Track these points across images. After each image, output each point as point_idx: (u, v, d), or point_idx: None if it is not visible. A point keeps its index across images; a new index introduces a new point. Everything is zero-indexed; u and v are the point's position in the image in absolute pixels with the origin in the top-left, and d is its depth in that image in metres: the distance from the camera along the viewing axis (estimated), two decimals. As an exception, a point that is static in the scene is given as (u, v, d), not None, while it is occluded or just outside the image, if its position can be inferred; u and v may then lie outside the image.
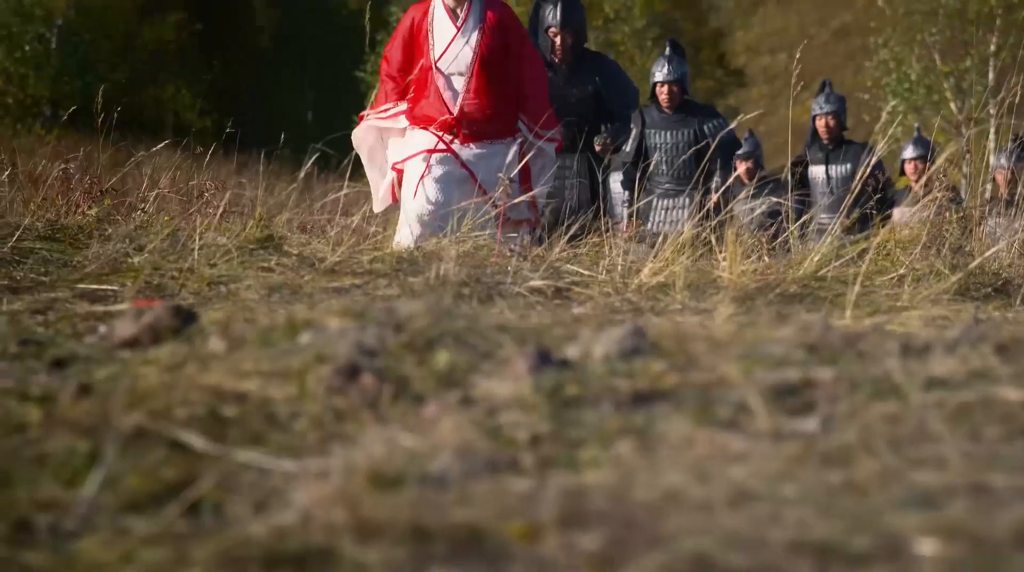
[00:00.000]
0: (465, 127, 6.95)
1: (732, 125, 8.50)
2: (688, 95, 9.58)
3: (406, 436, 2.20)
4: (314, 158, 5.72)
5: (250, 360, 2.55)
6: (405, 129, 7.12)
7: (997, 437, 2.18)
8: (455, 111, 6.94)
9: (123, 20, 34.53)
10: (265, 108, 35.00)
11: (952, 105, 26.33)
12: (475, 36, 7.00)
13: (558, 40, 8.36)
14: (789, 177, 9.12)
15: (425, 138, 7.01)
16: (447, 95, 6.98)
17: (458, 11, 7.03)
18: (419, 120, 7.03)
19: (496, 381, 2.48)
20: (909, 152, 11.46)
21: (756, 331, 2.92)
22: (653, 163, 9.37)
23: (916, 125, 12.28)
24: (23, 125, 29.55)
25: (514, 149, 7.03)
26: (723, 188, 6.54)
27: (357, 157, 7.21)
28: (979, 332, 2.87)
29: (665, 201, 9.40)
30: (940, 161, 4.93)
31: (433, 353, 2.63)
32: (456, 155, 6.97)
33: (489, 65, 6.99)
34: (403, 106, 7.14)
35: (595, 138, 8.27)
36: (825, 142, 10.35)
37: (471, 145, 7.01)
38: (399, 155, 7.09)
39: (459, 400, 2.40)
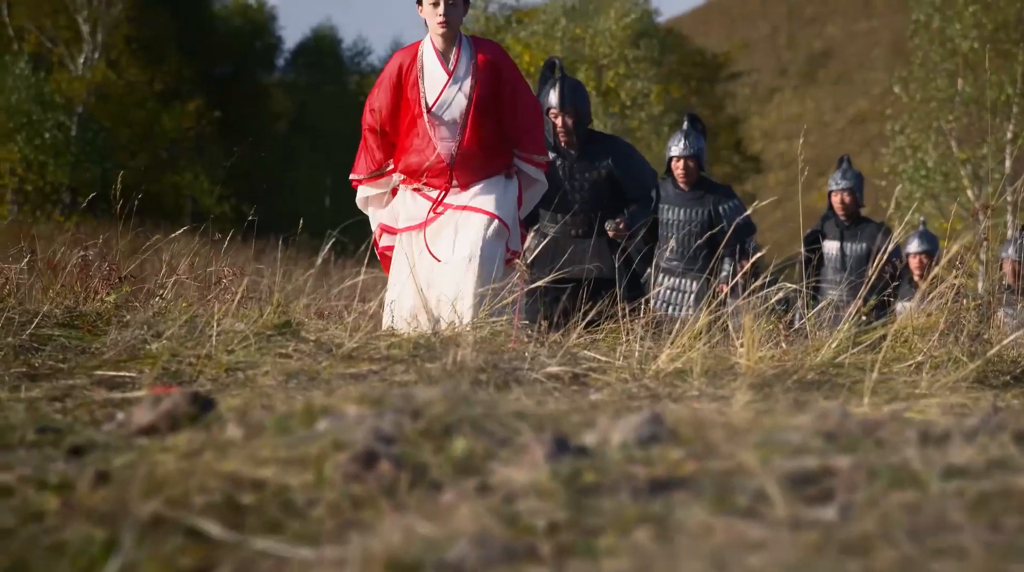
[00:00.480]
0: (459, 171, 6.73)
1: (748, 210, 8.31)
2: (704, 172, 9.48)
3: (424, 523, 2.20)
4: (331, 243, 5.75)
5: (268, 447, 2.56)
6: (397, 188, 6.91)
7: (1017, 527, 2.18)
8: (450, 159, 6.71)
9: (143, 107, 34.91)
10: (283, 193, 35.19)
11: (969, 192, 26.40)
12: (468, 82, 6.77)
13: (559, 122, 8.15)
14: (803, 255, 9.00)
15: (418, 206, 6.78)
16: (441, 144, 6.74)
17: (448, 55, 6.79)
18: (412, 170, 6.77)
19: (513, 468, 2.48)
20: (914, 246, 11.25)
21: (774, 418, 2.92)
22: (662, 239, 9.20)
23: (921, 218, 12.21)
24: (42, 212, 29.75)
25: (513, 186, 6.88)
26: (738, 275, 6.48)
27: (373, 242, 7.12)
28: (998, 421, 2.87)
29: (671, 280, 9.34)
30: (955, 249, 4.94)
31: (451, 440, 2.64)
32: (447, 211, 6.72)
33: (484, 109, 6.76)
34: (390, 165, 6.89)
35: (607, 223, 8.05)
36: (841, 218, 10.27)
37: (467, 188, 6.76)
38: (392, 220, 6.86)
39: (477, 487, 2.40)
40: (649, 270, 8.72)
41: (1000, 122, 26.91)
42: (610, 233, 8.05)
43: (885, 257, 5.25)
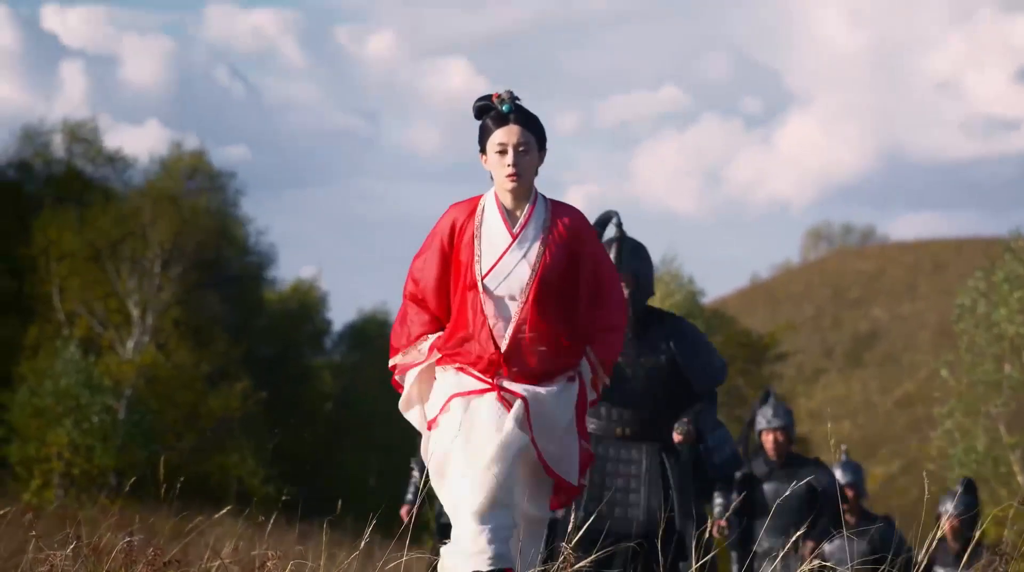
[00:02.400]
0: (514, 366, 5.35)
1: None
2: (794, 444, 9.13)
3: None
4: (374, 523, 5.81)
5: None
6: (435, 368, 5.56)
7: None
8: (503, 345, 5.36)
9: (190, 389, 35.55)
10: (328, 474, 35.34)
11: (1020, 478, 26.27)
12: (536, 248, 5.37)
13: None
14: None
15: (462, 380, 5.43)
16: (496, 324, 5.37)
17: (517, 213, 5.42)
18: (456, 356, 5.45)
19: None
20: (950, 506, 10.40)
21: None
22: (755, 519, 8.53)
23: (961, 480, 11.76)
24: (88, 496, 29.93)
25: (574, 391, 5.46)
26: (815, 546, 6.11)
27: (416, 523, 6.75)
28: None
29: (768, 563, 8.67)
30: (987, 520, 4.90)
31: None
32: (500, 394, 5.34)
33: (552, 288, 5.37)
34: (427, 340, 5.55)
35: (677, 426, 6.76)
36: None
37: (519, 384, 5.39)
38: (433, 407, 5.52)
39: None
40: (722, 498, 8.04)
41: (1049, 406, 26.98)
42: (677, 437, 6.81)
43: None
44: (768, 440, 9.61)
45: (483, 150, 5.42)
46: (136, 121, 59.93)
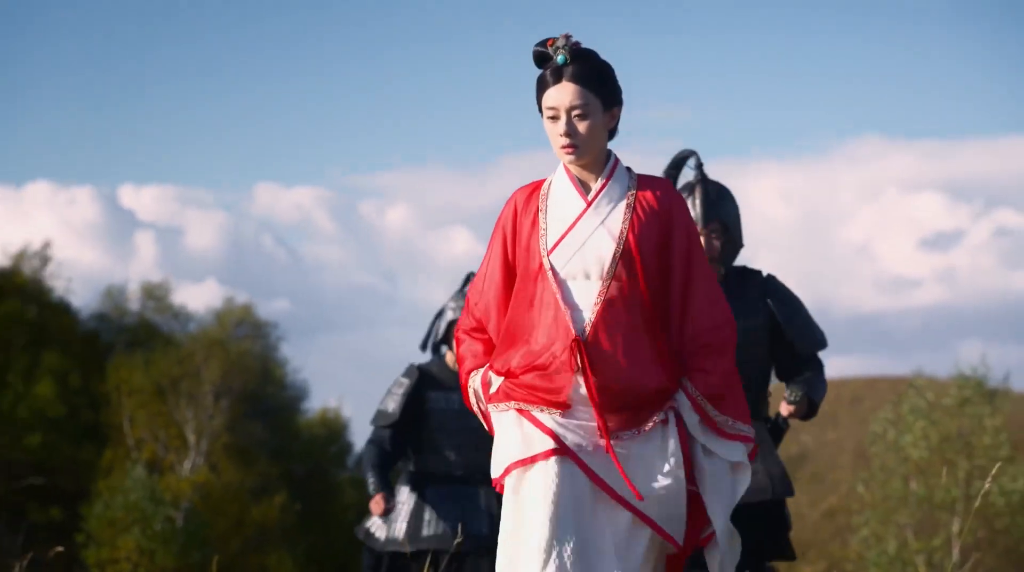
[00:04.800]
0: (599, 373, 3.36)
1: None
2: None
3: None
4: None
5: None
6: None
7: None
8: (581, 336, 3.38)
9: (237, 501, 35.48)
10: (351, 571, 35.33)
11: (923, 577, 26.68)
12: (619, 214, 3.47)
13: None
14: None
15: (532, 433, 3.38)
16: (569, 315, 3.41)
17: (591, 184, 3.52)
18: (511, 391, 3.45)
19: None
20: None
21: None
22: None
23: None
24: (151, 595, 29.97)
25: (672, 439, 3.38)
26: None
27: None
28: None
29: None
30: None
31: None
32: (584, 466, 3.33)
33: (642, 265, 3.43)
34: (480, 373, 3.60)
35: (786, 394, 4.79)
36: None
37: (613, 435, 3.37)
38: (497, 466, 3.45)
39: None
40: None
41: (948, 517, 27.44)
42: (785, 410, 4.82)
43: None
44: None
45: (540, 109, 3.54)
46: (197, 279, 60.39)
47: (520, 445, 3.36)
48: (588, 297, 3.41)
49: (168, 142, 56.02)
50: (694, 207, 4.87)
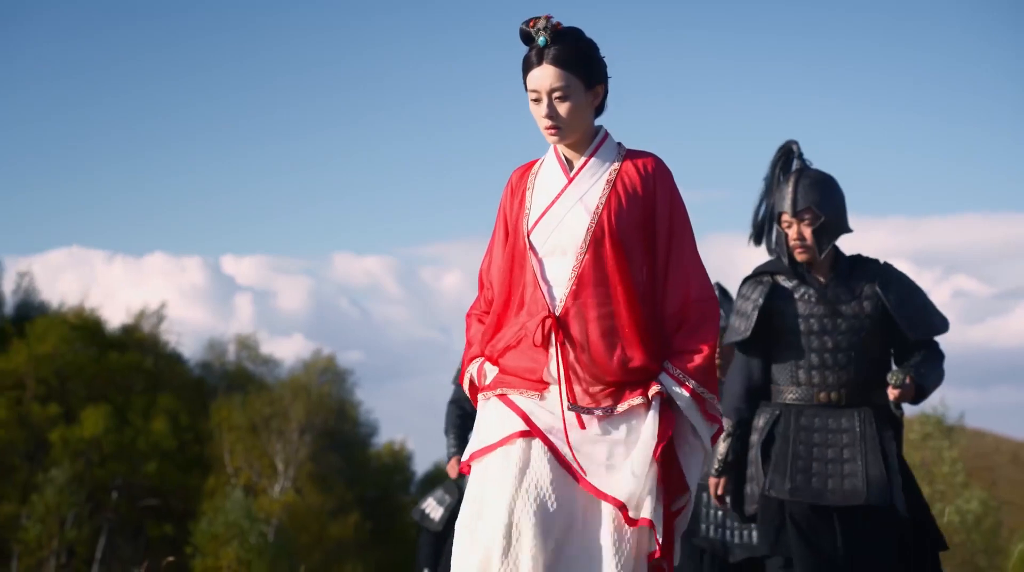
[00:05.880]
0: (571, 349, 3.13)
1: None
2: None
3: None
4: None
5: None
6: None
7: None
8: (555, 312, 3.14)
9: (318, 520, 36.78)
10: (413, 584, 36.48)
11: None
12: (597, 191, 3.20)
13: (792, 232, 4.51)
14: None
15: (506, 417, 3.17)
16: (548, 291, 3.19)
17: (574, 162, 3.27)
18: (502, 380, 3.22)
19: None
20: None
21: None
22: None
23: None
24: (247, 601, 31.15)
25: (652, 418, 3.08)
26: None
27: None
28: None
29: None
30: None
31: None
32: (556, 450, 3.08)
33: (619, 241, 3.16)
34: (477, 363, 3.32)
35: (891, 376, 4.33)
36: None
37: (583, 412, 3.10)
38: (470, 445, 3.25)
39: None
40: None
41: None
42: (891, 394, 4.36)
43: None
44: None
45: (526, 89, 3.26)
46: (286, 334, 63.93)
47: (493, 430, 3.14)
48: (563, 273, 3.15)
49: (261, 219, 59.58)
50: (789, 195, 4.52)
